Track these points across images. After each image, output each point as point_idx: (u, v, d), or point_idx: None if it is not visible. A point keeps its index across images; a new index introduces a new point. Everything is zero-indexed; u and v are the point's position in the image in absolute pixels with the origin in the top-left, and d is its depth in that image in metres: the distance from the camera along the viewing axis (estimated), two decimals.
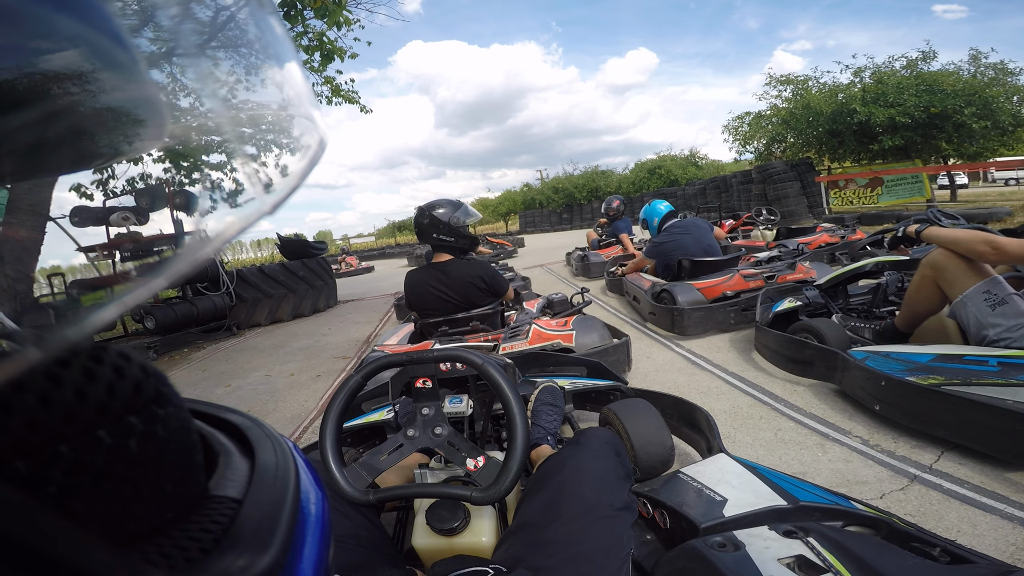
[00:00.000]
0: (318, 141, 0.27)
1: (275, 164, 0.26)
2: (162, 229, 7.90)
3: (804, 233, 6.96)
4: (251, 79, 0.27)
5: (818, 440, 2.27)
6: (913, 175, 12.64)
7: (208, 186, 0.67)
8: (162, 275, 0.17)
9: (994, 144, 12.84)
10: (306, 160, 0.26)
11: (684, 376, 3.27)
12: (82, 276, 7.43)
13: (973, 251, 2.20)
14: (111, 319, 0.15)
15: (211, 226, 0.21)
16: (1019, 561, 1.45)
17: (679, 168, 27.23)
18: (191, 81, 0.24)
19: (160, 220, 7.94)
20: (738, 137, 17.27)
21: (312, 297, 8.75)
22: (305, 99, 0.28)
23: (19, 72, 0.20)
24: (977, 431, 1.91)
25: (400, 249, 24.17)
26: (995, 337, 2.14)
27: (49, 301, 6.37)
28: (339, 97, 8.83)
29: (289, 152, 0.28)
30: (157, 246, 7.14)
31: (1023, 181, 17.66)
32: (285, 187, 0.24)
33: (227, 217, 0.22)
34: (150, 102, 0.25)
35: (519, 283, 6.18)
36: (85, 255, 6.92)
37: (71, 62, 0.22)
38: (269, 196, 0.24)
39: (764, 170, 14.11)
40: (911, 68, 13.32)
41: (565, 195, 30.12)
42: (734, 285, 4.28)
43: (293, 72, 0.28)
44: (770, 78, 15.60)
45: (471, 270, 3.20)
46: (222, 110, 0.24)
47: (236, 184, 0.26)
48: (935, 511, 1.73)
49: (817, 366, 2.73)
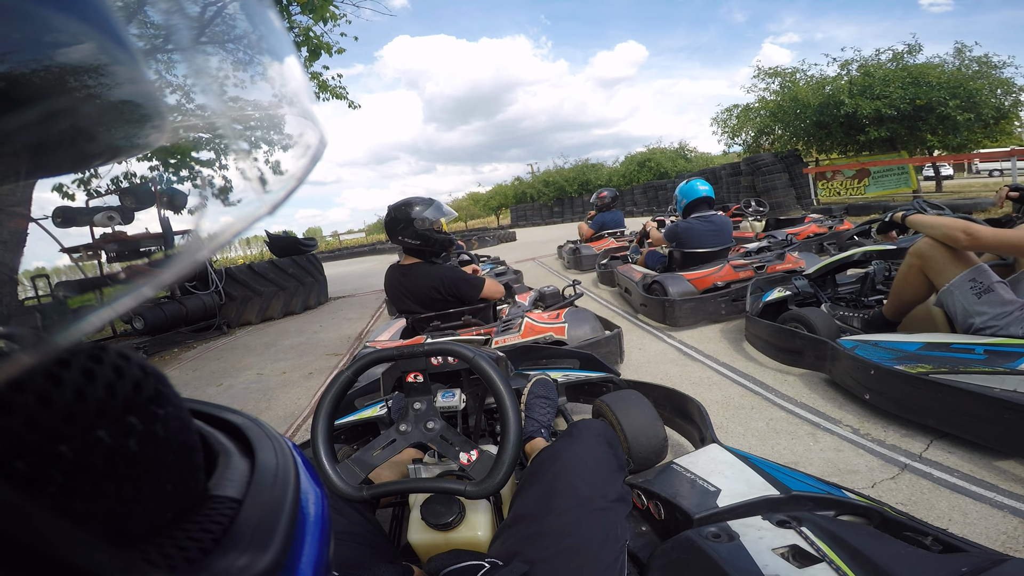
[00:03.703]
0: (318, 139, 0.27)
1: (272, 163, 0.25)
2: (148, 228, 7.80)
3: (792, 224, 6.99)
4: (247, 73, 0.26)
5: (809, 430, 2.30)
6: (899, 166, 12.79)
7: (199, 184, 0.65)
8: (161, 276, 0.17)
9: (978, 136, 13.01)
10: (306, 159, 0.26)
11: (676, 367, 3.29)
12: (67, 278, 7.34)
13: (949, 237, 2.23)
14: (108, 320, 0.15)
15: (208, 227, 0.21)
16: (1009, 549, 1.47)
17: (669, 161, 27.25)
18: (187, 77, 0.24)
19: (146, 219, 7.86)
20: (727, 129, 17.33)
21: (303, 294, 8.71)
22: (304, 96, 0.27)
23: (20, 69, 0.20)
24: (965, 419, 1.93)
25: (391, 245, 24.06)
26: (981, 325, 2.17)
27: (34, 304, 6.29)
28: (326, 93, 8.76)
29: (287, 150, 0.27)
30: (144, 246, 7.06)
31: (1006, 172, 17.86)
32: (284, 187, 0.24)
33: (223, 218, 0.21)
34: (150, 100, 0.25)
35: (511, 276, 6.18)
36: (69, 256, 6.84)
37: (72, 59, 0.21)
38: (268, 196, 0.23)
39: (752, 162, 14.20)
40: (897, 61, 13.46)
41: (556, 188, 30.10)
42: (724, 276, 4.30)
43: (293, 68, 0.27)
44: (758, 71, 15.64)
45: (429, 278, 3.11)
46: (219, 107, 0.23)
47: (226, 182, 0.25)
48: (926, 500, 1.75)
49: (807, 355, 2.75)
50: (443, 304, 3.18)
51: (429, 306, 3.17)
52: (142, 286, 0.16)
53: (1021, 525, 1.57)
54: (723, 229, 4.60)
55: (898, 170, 12.76)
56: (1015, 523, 1.58)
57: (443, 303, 3.18)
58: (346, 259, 23.29)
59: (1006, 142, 13.38)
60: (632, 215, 19.54)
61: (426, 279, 3.13)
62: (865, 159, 13.72)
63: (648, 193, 21.80)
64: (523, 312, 3.34)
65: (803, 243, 5.76)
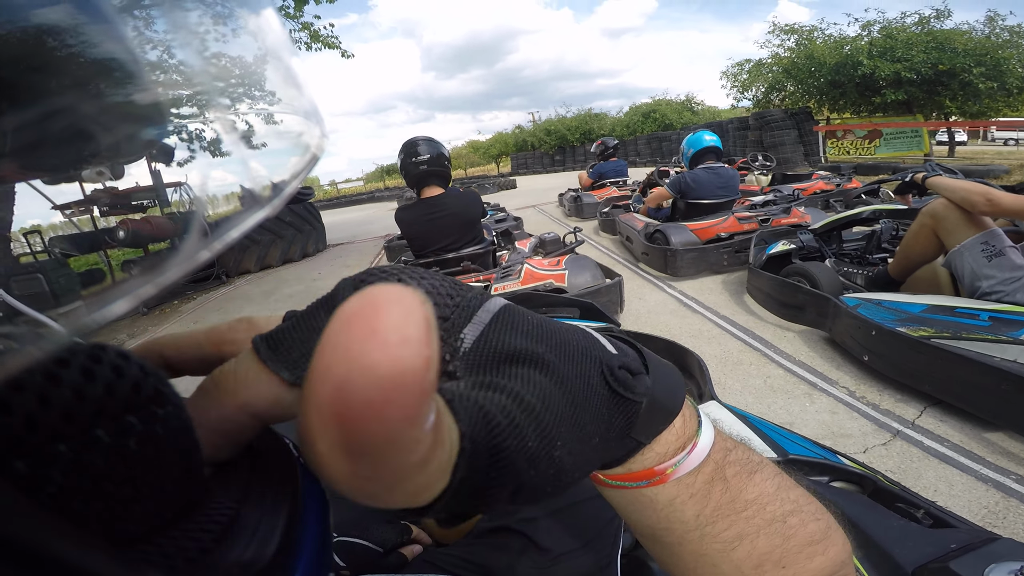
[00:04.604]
0: (318, 139, 0.26)
1: (270, 162, 0.24)
2: (138, 182, 7.73)
3: (799, 180, 6.91)
4: (230, 31, 0.25)
5: (806, 389, 2.30)
6: (913, 129, 12.53)
7: (185, 137, 0.62)
8: (165, 275, 0.17)
9: (999, 105, 12.85)
10: (307, 158, 0.26)
11: (676, 318, 3.28)
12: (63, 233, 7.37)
13: (968, 201, 2.20)
14: (110, 319, 0.15)
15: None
16: (990, 524, 1.48)
17: (675, 113, 26.95)
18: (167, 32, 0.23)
19: (137, 173, 7.78)
20: (736, 84, 17.15)
21: (300, 242, 8.69)
22: (304, 94, 0.27)
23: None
24: (962, 388, 1.92)
25: (389, 192, 23.93)
26: (988, 289, 2.14)
27: (31, 261, 6.23)
28: (318, 43, 8.48)
29: (285, 146, 0.26)
30: (136, 199, 6.94)
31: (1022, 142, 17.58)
32: (290, 185, 0.24)
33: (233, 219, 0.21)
34: (151, 99, 0.24)
35: (511, 223, 6.11)
36: (62, 212, 6.75)
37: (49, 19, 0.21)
38: (276, 201, 0.23)
39: (761, 117, 13.92)
40: (923, 25, 13.11)
41: (558, 137, 29.82)
42: (728, 227, 4.25)
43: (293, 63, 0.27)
44: (774, 26, 15.38)
45: (469, 197, 3.15)
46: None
47: (216, 134, 0.25)
48: (915, 468, 1.77)
49: (808, 312, 2.73)
50: (477, 230, 3.16)
51: (468, 231, 3.13)
52: (145, 284, 0.16)
53: (1003, 500, 1.58)
54: (729, 181, 4.51)
55: (911, 132, 12.50)
56: (997, 497, 1.60)
57: (478, 228, 3.16)
58: (344, 207, 23.10)
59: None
60: (635, 165, 19.32)
61: (468, 199, 3.10)
62: (878, 120, 13.48)
63: (652, 144, 21.50)
64: (523, 258, 3.30)
65: (809, 199, 5.69)
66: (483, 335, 0.27)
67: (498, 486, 0.24)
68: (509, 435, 0.23)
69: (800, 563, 0.37)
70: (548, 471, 0.25)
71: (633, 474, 0.35)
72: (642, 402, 0.31)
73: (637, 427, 0.32)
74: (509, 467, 0.23)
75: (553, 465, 0.25)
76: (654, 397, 0.32)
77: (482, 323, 0.28)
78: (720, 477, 0.36)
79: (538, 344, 0.28)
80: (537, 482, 0.25)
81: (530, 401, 0.25)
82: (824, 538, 0.39)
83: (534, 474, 0.25)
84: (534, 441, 0.24)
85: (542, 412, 0.25)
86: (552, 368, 0.27)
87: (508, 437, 0.23)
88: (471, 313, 0.28)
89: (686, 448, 0.35)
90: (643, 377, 0.32)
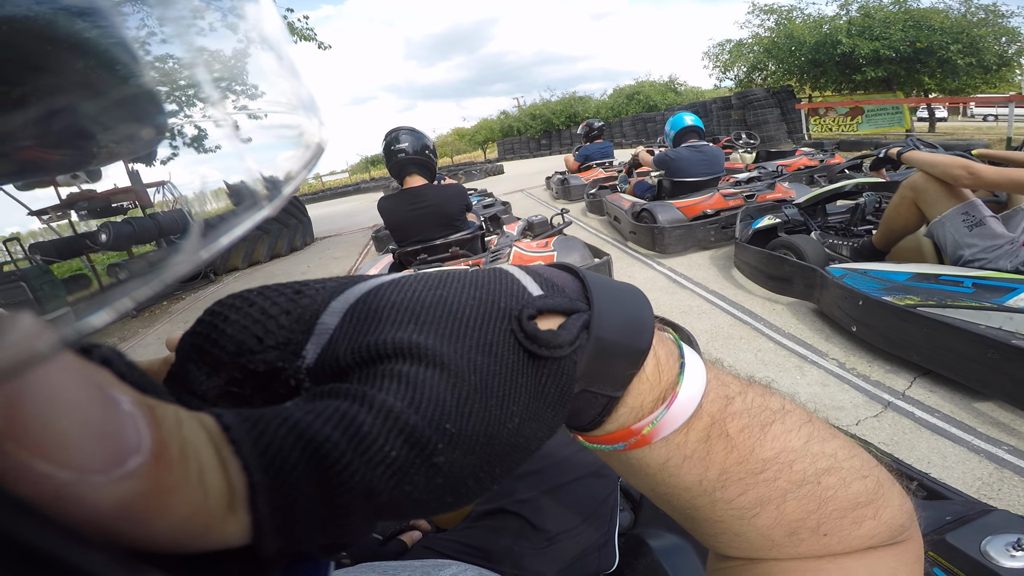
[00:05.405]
0: (319, 129, 0.25)
1: (269, 161, 0.23)
2: (116, 184, 7.59)
3: (783, 156, 6.94)
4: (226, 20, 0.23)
5: (797, 362, 2.33)
6: (893, 106, 12.63)
7: (169, 135, 0.59)
8: (160, 277, 0.16)
9: (977, 81, 12.97)
10: (306, 157, 0.24)
11: (666, 295, 3.30)
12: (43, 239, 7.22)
13: (949, 174, 2.22)
14: (102, 325, 0.14)
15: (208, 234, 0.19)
16: (984, 496, 1.50)
17: (658, 94, 26.86)
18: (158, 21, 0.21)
19: (115, 175, 7.63)
20: (718, 64, 17.18)
21: (287, 236, 8.62)
22: (304, 92, 0.25)
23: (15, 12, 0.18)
24: (950, 356, 1.94)
25: (375, 183, 23.61)
26: (970, 257, 2.18)
27: (12, 270, 6.10)
28: (293, 36, 8.37)
29: (284, 144, 0.25)
30: (115, 201, 6.82)
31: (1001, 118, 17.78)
32: (285, 187, 0.22)
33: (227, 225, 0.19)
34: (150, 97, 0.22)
35: (499, 208, 6.09)
36: (38, 218, 6.62)
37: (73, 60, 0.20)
38: (276, 202, 0.21)
39: (744, 96, 13.98)
40: (899, 3, 13.20)
41: (543, 122, 29.73)
42: (714, 204, 4.29)
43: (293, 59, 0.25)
44: (753, 7, 15.41)
45: (452, 192, 3.11)
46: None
47: (200, 131, 0.23)
48: (907, 440, 1.78)
49: (796, 283, 2.77)
50: (458, 223, 3.12)
51: (448, 225, 3.09)
52: (140, 287, 0.15)
53: (996, 471, 1.60)
54: (713, 159, 4.54)
55: (892, 109, 12.60)
56: (991, 468, 1.62)
57: (459, 222, 3.12)
58: (330, 199, 22.73)
59: (1005, 89, 13.32)
60: (621, 147, 19.26)
61: (451, 192, 3.07)
62: (859, 97, 13.59)
63: (637, 125, 21.43)
64: (512, 242, 3.31)
65: (793, 175, 5.72)
66: (331, 342, 0.23)
67: (344, 513, 0.20)
68: (347, 450, 0.19)
69: (844, 529, 0.31)
70: (433, 481, 0.21)
71: (609, 436, 0.29)
72: (567, 355, 0.24)
73: (587, 381, 0.26)
74: (358, 487, 0.19)
75: (438, 474, 0.21)
76: (600, 337, 0.26)
77: (327, 330, 0.23)
78: (720, 434, 0.30)
79: (409, 327, 0.23)
80: (419, 496, 0.21)
81: (386, 402, 0.20)
82: (874, 499, 0.32)
83: (409, 488, 0.20)
84: (397, 449, 0.20)
85: (405, 412, 0.20)
86: (428, 353, 0.22)
87: (345, 452, 0.19)
88: (311, 324, 0.24)
89: (665, 401, 0.29)
90: (576, 318, 0.26)
